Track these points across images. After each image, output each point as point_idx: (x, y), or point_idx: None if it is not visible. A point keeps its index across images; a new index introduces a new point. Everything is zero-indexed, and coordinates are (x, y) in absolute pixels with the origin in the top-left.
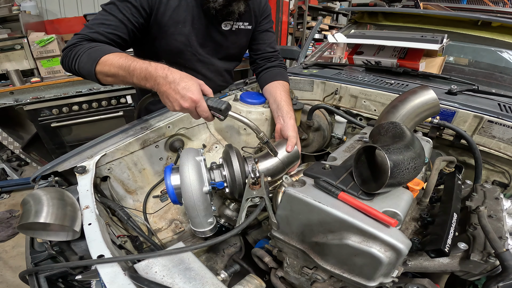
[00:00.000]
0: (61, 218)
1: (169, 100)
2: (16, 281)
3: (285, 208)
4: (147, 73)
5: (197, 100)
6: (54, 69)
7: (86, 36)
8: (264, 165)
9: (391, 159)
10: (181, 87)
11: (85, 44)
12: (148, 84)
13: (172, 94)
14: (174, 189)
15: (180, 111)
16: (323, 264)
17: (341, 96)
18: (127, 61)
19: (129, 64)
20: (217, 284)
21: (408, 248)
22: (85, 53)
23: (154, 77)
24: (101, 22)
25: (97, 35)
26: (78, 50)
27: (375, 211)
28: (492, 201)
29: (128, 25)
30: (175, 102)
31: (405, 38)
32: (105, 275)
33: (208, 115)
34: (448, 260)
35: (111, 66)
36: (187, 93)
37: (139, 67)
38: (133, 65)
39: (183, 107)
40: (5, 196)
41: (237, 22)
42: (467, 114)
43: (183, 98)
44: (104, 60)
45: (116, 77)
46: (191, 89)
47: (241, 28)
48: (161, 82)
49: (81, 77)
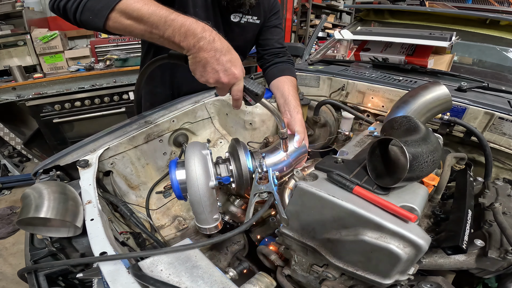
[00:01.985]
0: (62, 213)
1: (205, 69)
2: (16, 278)
3: (296, 203)
4: (191, 29)
5: (239, 77)
6: (57, 65)
7: None
8: (271, 160)
9: (410, 151)
10: (227, 59)
11: None
12: (184, 43)
13: (214, 64)
14: (179, 184)
15: (214, 84)
16: (335, 262)
17: (348, 92)
18: (161, 9)
19: (165, 14)
20: (226, 283)
21: (428, 244)
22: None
23: (198, 38)
24: None
25: None
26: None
27: (393, 205)
28: (505, 198)
29: None
30: (214, 74)
31: (413, 35)
32: (107, 273)
33: (240, 96)
34: (465, 257)
35: (144, 4)
36: (232, 67)
37: (181, 19)
38: (174, 15)
39: (219, 81)
40: (6, 192)
41: (246, 15)
42: (478, 111)
43: (226, 72)
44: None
45: (142, 22)
46: (236, 63)
47: (250, 21)
48: (205, 46)
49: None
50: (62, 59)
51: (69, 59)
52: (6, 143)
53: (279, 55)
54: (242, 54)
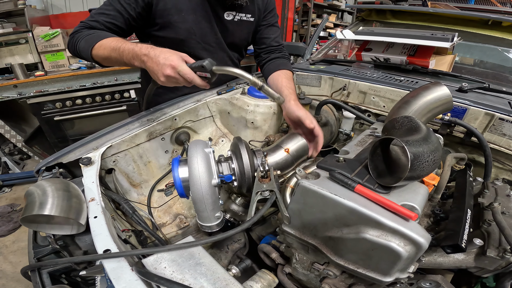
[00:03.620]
0: (66, 210)
1: (154, 73)
2: (16, 276)
3: (298, 201)
4: (133, 53)
5: (176, 65)
6: (59, 63)
7: (87, 24)
8: (273, 158)
9: (411, 151)
10: (162, 58)
11: (84, 31)
12: (136, 63)
13: (154, 67)
14: (181, 182)
15: (166, 81)
16: (337, 260)
17: (349, 92)
18: (117, 43)
19: (119, 46)
20: (229, 280)
21: (429, 242)
22: (83, 39)
23: (139, 56)
24: (101, 12)
25: (96, 24)
26: (79, 37)
27: (394, 204)
28: (504, 198)
29: (125, 15)
30: (159, 73)
31: (415, 35)
32: (111, 271)
33: (193, 77)
34: (464, 256)
35: (104, 50)
36: (167, 61)
37: (127, 48)
38: (123, 47)
39: (165, 75)
40: (6, 190)
41: (240, 13)
42: (478, 112)
43: (164, 66)
44: (99, 45)
45: (110, 58)
46: (170, 58)
47: (244, 19)
48: (145, 59)
49: (84, 60)
50: (64, 57)
51: (70, 57)
52: (7, 140)
53: (275, 52)
54: (238, 52)
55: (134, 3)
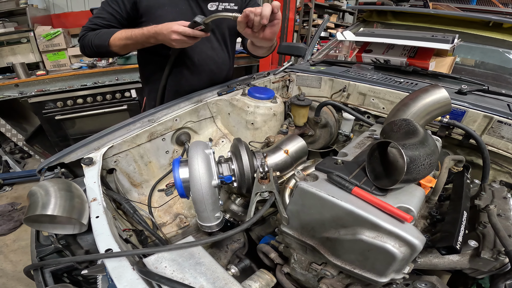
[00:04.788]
0: (69, 210)
1: (166, 42)
2: (16, 275)
3: (297, 203)
4: (144, 35)
5: (176, 29)
6: (60, 62)
7: (89, 27)
8: (272, 160)
9: (408, 154)
10: (164, 30)
11: (91, 33)
12: (152, 41)
13: (164, 38)
14: (182, 182)
15: (177, 44)
16: (334, 260)
17: (349, 94)
18: (127, 33)
19: (130, 34)
20: (229, 279)
21: (423, 244)
22: (95, 38)
23: (150, 35)
24: (97, 16)
25: (96, 26)
26: (89, 38)
27: (390, 206)
28: (501, 200)
29: (116, 16)
30: (169, 40)
31: (416, 37)
32: (112, 270)
33: (193, 32)
34: (458, 257)
35: (120, 40)
36: (168, 28)
37: (138, 34)
38: (134, 34)
39: (173, 39)
40: (7, 189)
41: (223, 3)
42: (477, 114)
43: (169, 35)
44: (113, 38)
45: (128, 46)
46: (169, 25)
47: (228, 8)
48: (156, 35)
49: (101, 56)
50: (65, 56)
51: (72, 56)
52: (8, 139)
53: None
54: (224, 42)
55: (122, 4)
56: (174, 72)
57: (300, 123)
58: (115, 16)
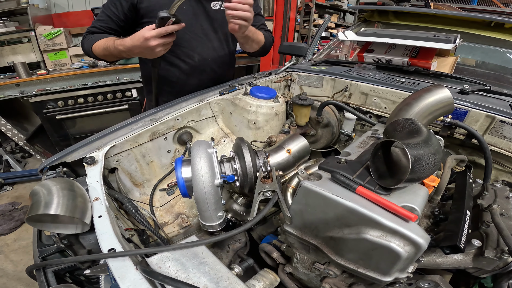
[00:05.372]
0: (71, 210)
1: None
2: (17, 275)
3: (300, 202)
4: (117, 50)
5: (148, 36)
6: (61, 62)
7: (90, 30)
8: (275, 159)
9: (412, 153)
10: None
11: (88, 36)
12: (124, 55)
13: (140, 50)
14: (184, 182)
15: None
16: (337, 259)
17: (351, 93)
18: (106, 43)
19: (107, 45)
20: (232, 279)
21: (428, 243)
22: (86, 43)
23: (123, 51)
24: (98, 19)
25: (95, 29)
26: (85, 41)
27: (394, 205)
28: (503, 200)
29: (114, 18)
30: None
31: (418, 37)
32: (115, 270)
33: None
34: (462, 256)
35: (99, 49)
36: (141, 39)
37: (112, 46)
38: (109, 46)
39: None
40: (8, 188)
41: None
42: (479, 114)
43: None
44: (94, 46)
45: (106, 56)
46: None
47: None
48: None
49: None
50: (66, 56)
51: (73, 56)
52: (8, 138)
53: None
54: (225, 42)
55: (120, 6)
56: (175, 72)
57: (302, 122)
58: (112, 19)
